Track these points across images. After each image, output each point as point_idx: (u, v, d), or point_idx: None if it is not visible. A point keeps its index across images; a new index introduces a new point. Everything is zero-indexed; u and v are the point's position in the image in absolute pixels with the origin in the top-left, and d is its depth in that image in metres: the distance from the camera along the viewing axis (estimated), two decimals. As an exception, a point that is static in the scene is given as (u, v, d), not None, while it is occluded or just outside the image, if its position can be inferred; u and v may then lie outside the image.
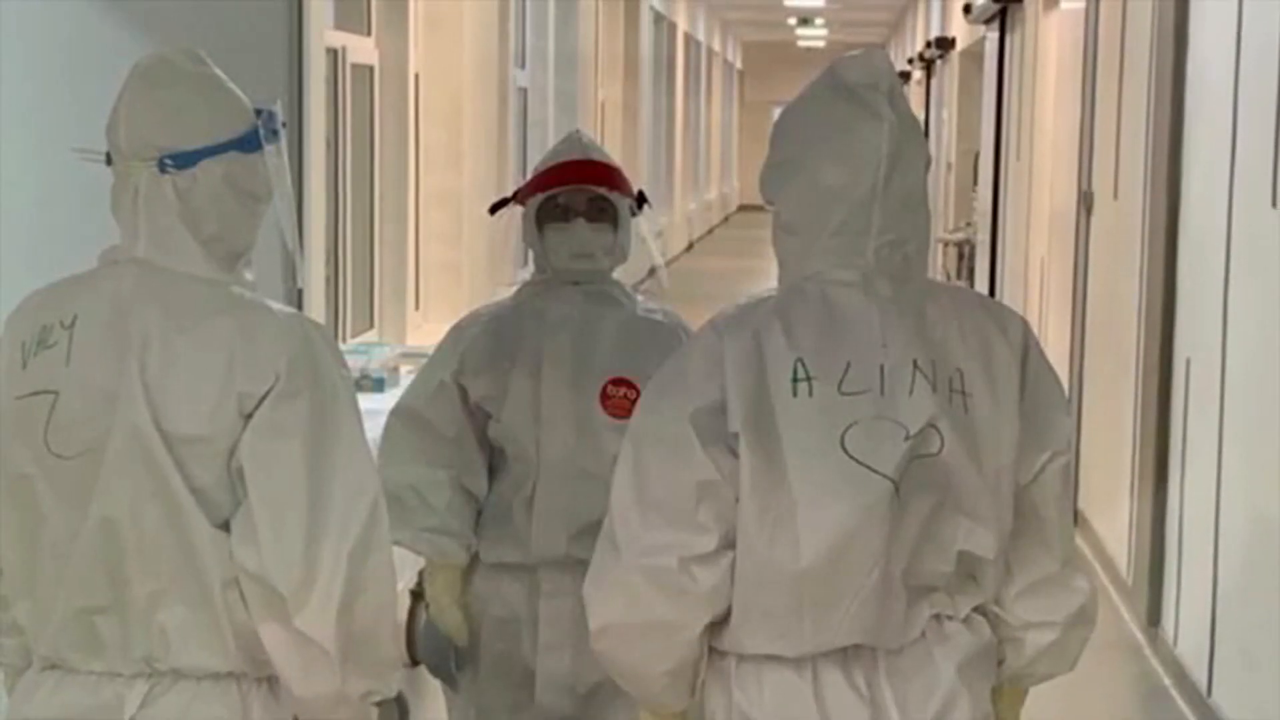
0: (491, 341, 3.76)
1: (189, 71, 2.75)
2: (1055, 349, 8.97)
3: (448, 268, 9.83)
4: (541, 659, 3.74)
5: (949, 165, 19.15)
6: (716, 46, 32.37)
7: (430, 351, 3.94)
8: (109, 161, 2.74)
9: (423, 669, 3.98)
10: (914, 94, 23.14)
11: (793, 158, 2.82)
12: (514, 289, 3.92)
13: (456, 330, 3.86)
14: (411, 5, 9.28)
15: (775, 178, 2.84)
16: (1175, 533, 6.62)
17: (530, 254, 3.88)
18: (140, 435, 2.62)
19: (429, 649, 3.83)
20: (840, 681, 2.76)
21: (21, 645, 2.80)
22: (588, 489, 3.57)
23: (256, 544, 2.60)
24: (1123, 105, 7.97)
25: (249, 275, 2.79)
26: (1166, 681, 6.45)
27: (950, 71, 19.70)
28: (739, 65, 39.48)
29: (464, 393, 3.76)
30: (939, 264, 17.49)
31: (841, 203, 2.77)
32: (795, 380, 2.71)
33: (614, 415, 3.63)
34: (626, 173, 3.90)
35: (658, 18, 21.68)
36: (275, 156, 2.77)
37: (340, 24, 8.17)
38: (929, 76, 22.65)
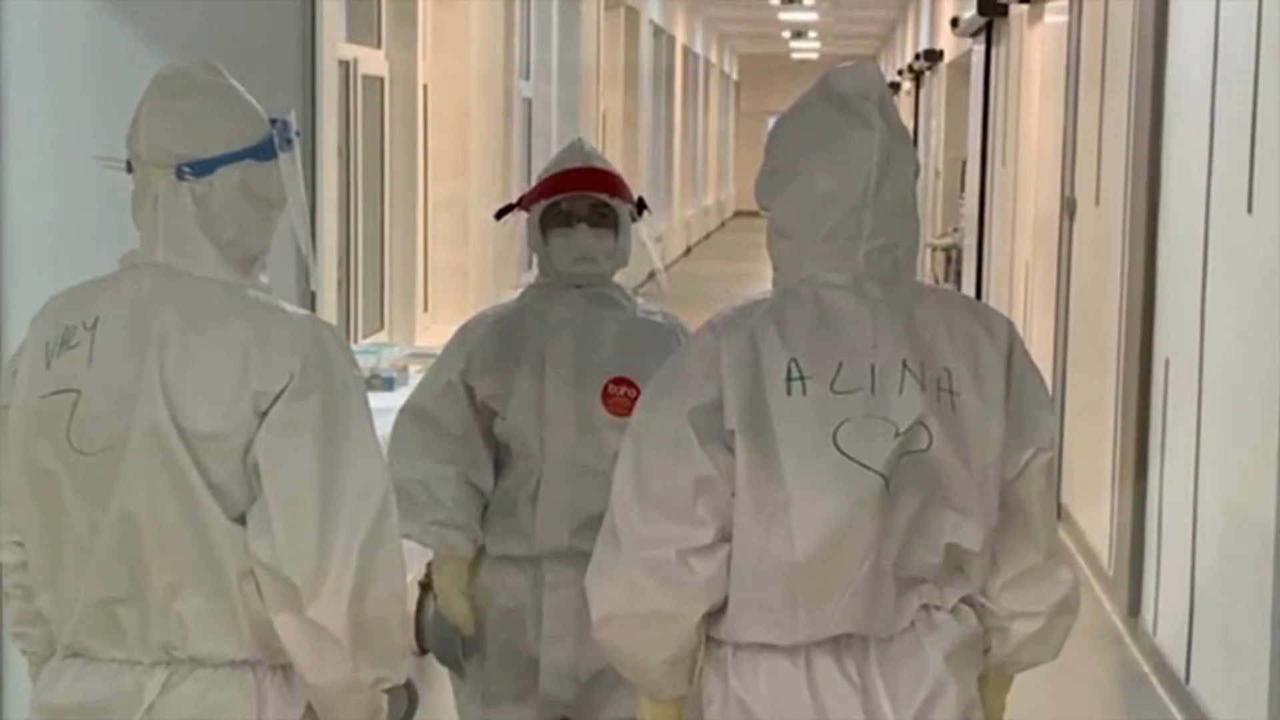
0: (497, 342, 3.79)
1: (206, 82, 2.78)
2: (1039, 349, 8.97)
3: (455, 271, 9.88)
4: (545, 648, 3.77)
5: (937, 173, 19.13)
6: (714, 58, 32.27)
7: (438, 352, 3.97)
8: (129, 169, 2.77)
9: (431, 657, 4.01)
10: (903, 104, 23.12)
11: (787, 165, 2.86)
12: (518, 292, 3.95)
13: (463, 332, 3.90)
14: (420, 19, 9.34)
15: (770, 184, 2.88)
16: (1155, 526, 6.65)
17: (534, 258, 3.91)
18: (159, 432, 2.65)
19: (437, 638, 3.86)
20: (832, 669, 2.80)
21: (45, 634, 2.82)
22: (589, 484, 3.61)
23: (271, 537, 2.62)
24: (1104, 115, 7.98)
25: (264, 278, 2.81)
26: (1146, 669, 6.49)
27: (938, 82, 19.71)
28: (735, 76, 39.30)
29: (471, 392, 3.79)
30: (927, 268, 17.44)
31: (834, 208, 2.81)
32: (789, 379, 2.76)
33: (615, 413, 3.66)
34: (627, 180, 3.93)
35: (657, 31, 21.67)
36: (289, 164, 2.80)
37: (352, 37, 8.21)
38: (918, 87, 22.64)
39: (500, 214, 4.03)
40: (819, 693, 2.81)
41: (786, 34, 31.48)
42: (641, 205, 3.91)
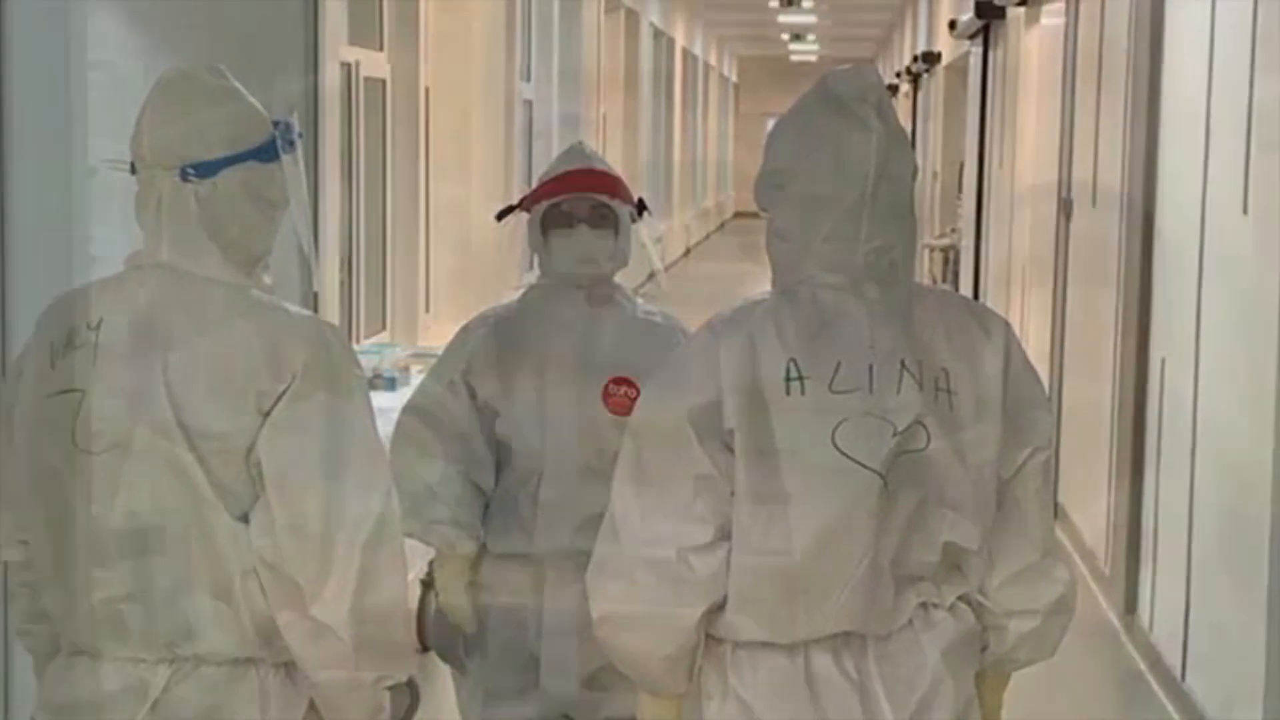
0: (498, 342, 3.81)
1: (209, 85, 2.80)
2: (1036, 349, 8.94)
3: (456, 272, 9.90)
4: (546, 645, 3.79)
5: (935, 174, 19.19)
6: (713, 61, 32.22)
7: (440, 352, 3.98)
8: (133, 170, 2.79)
9: (433, 654, 4.01)
10: (901, 106, 23.14)
11: (786, 167, 2.87)
12: (519, 292, 3.97)
13: (465, 332, 3.91)
14: (422, 21, 9.34)
15: (769, 186, 2.89)
16: (1150, 524, 6.66)
17: (535, 259, 3.93)
18: (163, 432, 2.66)
19: (439, 636, 3.89)
20: (831, 667, 2.82)
21: (50, 632, 2.84)
22: (590, 483, 3.61)
23: (274, 536, 2.64)
24: (1101, 116, 7.99)
25: (267, 279, 2.83)
26: (1142, 666, 6.50)
27: (936, 85, 19.75)
28: (734, 79, 39.23)
29: (472, 391, 3.81)
30: (925, 268, 17.48)
31: (832, 210, 2.82)
32: (788, 379, 2.77)
33: (615, 413, 3.67)
34: (627, 182, 3.95)
35: (657, 34, 21.67)
36: (292, 165, 2.81)
37: (354, 39, 8.22)
38: (916, 89, 22.67)
39: (501, 215, 4.05)
40: (817, 690, 2.83)
41: (785, 36, 31.53)
42: (641, 206, 3.93)
